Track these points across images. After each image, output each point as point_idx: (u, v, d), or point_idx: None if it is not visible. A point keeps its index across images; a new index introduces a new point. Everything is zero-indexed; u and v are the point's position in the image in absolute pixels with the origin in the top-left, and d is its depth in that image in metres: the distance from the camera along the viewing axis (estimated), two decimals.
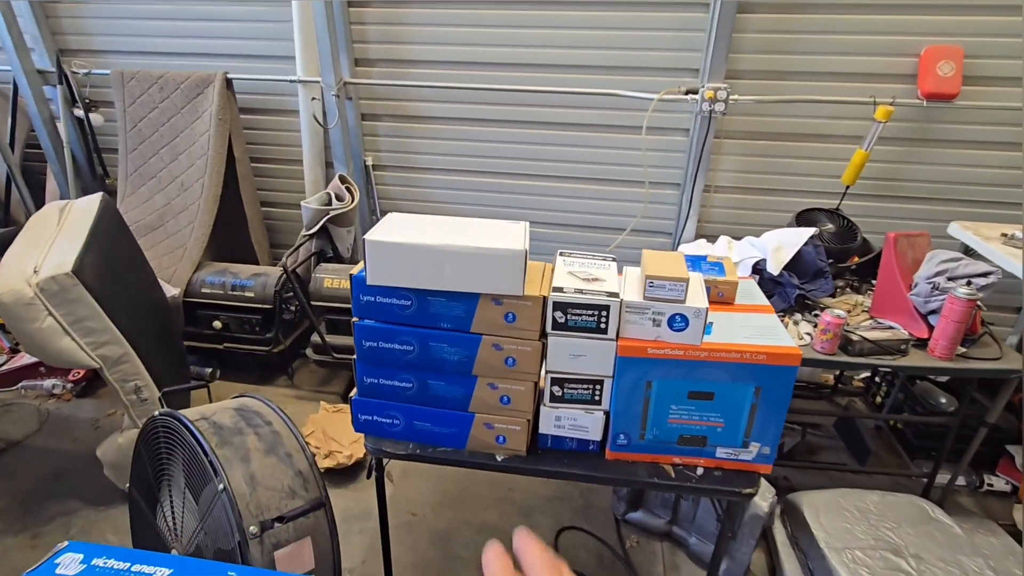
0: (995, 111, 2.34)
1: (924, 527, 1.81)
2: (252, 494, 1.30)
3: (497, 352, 1.28)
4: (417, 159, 2.96)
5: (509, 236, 1.24)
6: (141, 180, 2.98)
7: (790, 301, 2.07)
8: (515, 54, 2.64)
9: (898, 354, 1.88)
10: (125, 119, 2.94)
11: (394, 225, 1.28)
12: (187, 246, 2.86)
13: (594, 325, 1.24)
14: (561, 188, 2.88)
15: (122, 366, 2.04)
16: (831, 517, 1.85)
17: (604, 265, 1.38)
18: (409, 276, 1.22)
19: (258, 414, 1.51)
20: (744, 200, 2.73)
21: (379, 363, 1.34)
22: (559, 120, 2.73)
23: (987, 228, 2.20)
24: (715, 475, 1.34)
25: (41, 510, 2.19)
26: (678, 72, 2.55)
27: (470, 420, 1.37)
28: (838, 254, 2.28)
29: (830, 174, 2.56)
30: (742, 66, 2.47)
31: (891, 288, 2.01)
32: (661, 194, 2.77)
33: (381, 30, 2.72)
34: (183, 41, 2.90)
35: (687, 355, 1.23)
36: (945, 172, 2.51)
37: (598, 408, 1.34)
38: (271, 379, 3.02)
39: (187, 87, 2.83)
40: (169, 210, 2.93)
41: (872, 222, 2.53)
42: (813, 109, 2.49)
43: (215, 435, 1.37)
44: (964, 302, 1.76)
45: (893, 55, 2.37)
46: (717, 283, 1.39)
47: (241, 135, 2.93)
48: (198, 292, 2.80)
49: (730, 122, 2.57)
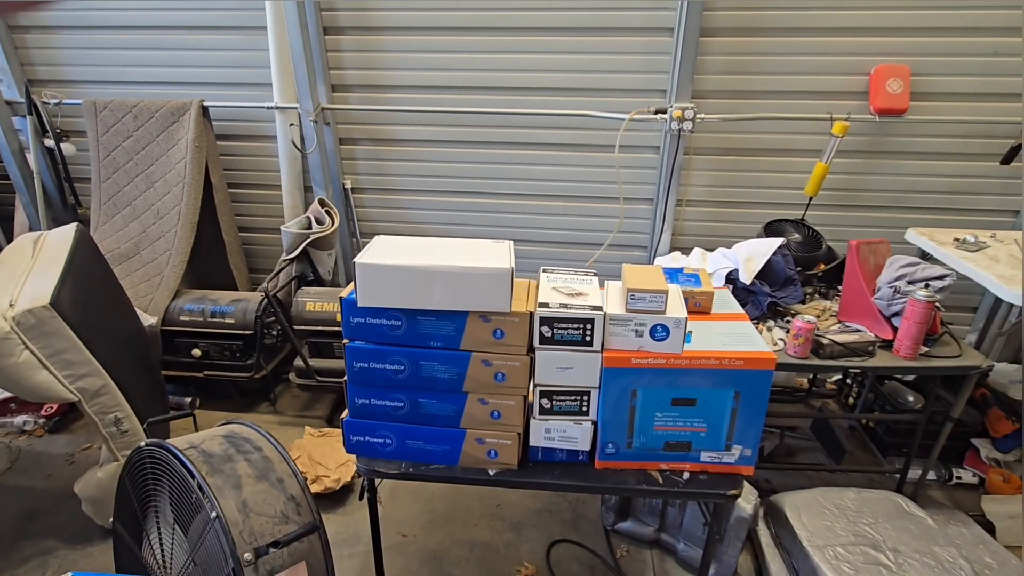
0: (942, 124, 2.50)
1: (900, 521, 1.89)
2: (245, 521, 1.30)
3: (487, 368, 1.32)
4: (396, 181, 3.00)
5: (495, 255, 1.28)
6: (115, 209, 2.94)
7: (763, 309, 2.16)
8: (489, 78, 2.72)
9: (866, 356, 1.97)
10: (98, 148, 2.91)
11: (383, 248, 1.32)
12: (164, 274, 2.83)
13: (580, 338, 1.28)
14: (539, 206, 2.95)
15: (101, 398, 2.00)
16: (812, 516, 1.91)
17: (587, 280, 1.44)
18: (399, 297, 1.25)
19: (248, 440, 1.50)
20: (715, 213, 2.84)
21: (370, 384, 1.36)
22: (534, 140, 2.81)
23: (941, 234, 2.34)
24: (700, 479, 1.39)
25: (15, 551, 2.12)
26: (647, 93, 2.65)
27: (462, 436, 1.39)
28: (805, 262, 2.38)
29: (794, 186, 2.68)
30: (707, 86, 2.59)
31: (856, 293, 2.11)
32: (636, 209, 2.86)
33: (357, 57, 2.77)
34: (158, 70, 2.90)
35: (669, 363, 1.28)
36: (899, 182, 2.66)
37: (586, 419, 1.38)
38: (253, 406, 2.98)
39: (162, 115, 2.83)
40: (145, 238, 2.90)
41: (835, 230, 2.66)
42: (775, 126, 2.62)
43: (205, 463, 1.37)
44: (924, 304, 1.86)
45: (846, 74, 2.52)
46: (694, 294, 1.45)
47: (218, 162, 2.93)
48: (176, 320, 2.77)
49: (698, 139, 2.68)
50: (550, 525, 2.27)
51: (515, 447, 1.39)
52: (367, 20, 2.69)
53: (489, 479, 1.41)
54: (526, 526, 2.26)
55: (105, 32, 2.86)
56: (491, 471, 1.42)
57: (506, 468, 1.42)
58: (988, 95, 2.47)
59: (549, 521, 2.29)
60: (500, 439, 1.39)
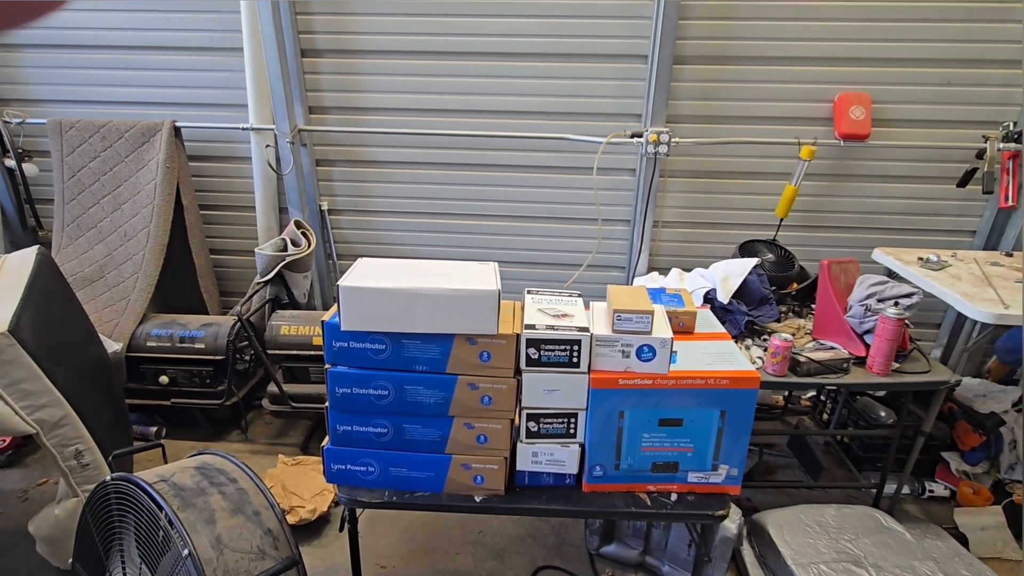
0: (902, 149, 2.62)
1: (879, 536, 1.91)
2: (219, 558, 1.24)
3: (473, 392, 1.30)
4: (373, 203, 2.98)
5: (480, 277, 1.28)
6: (79, 231, 2.84)
7: (740, 327, 2.19)
8: (465, 101, 2.74)
9: (841, 372, 2.01)
10: (63, 168, 2.82)
11: (366, 270, 1.29)
12: (130, 298, 2.73)
13: (567, 360, 1.28)
14: (517, 227, 2.96)
15: (61, 430, 1.89)
16: (795, 534, 1.92)
17: (571, 301, 1.44)
18: (384, 320, 1.23)
19: (222, 472, 1.44)
20: (690, 234, 2.90)
21: (353, 410, 1.33)
22: (513, 163, 2.83)
23: (906, 253, 2.43)
24: (688, 499, 1.38)
25: None
26: (622, 117, 2.71)
27: (447, 462, 1.36)
28: (779, 281, 2.44)
29: (765, 208, 2.76)
30: (681, 111, 2.67)
31: (829, 311, 2.17)
32: (614, 230, 2.89)
33: (334, 79, 2.76)
34: (129, 90, 2.83)
35: (656, 384, 1.28)
36: (864, 203, 2.76)
37: (573, 441, 1.36)
38: (223, 434, 2.87)
39: (132, 136, 2.76)
40: (110, 261, 2.80)
41: (805, 250, 2.73)
42: (746, 149, 2.70)
43: (176, 497, 1.30)
44: (894, 321, 1.92)
45: (811, 101, 2.63)
46: (678, 314, 1.47)
47: (190, 183, 2.86)
48: (143, 346, 2.66)
49: (673, 162, 2.75)
50: (533, 551, 2.23)
51: (502, 472, 1.37)
52: (345, 43, 2.69)
53: (475, 506, 1.37)
54: (509, 553, 2.21)
55: (73, 51, 2.79)
56: (477, 498, 1.38)
57: (493, 494, 1.39)
58: (943, 122, 2.60)
59: (532, 547, 2.25)
60: (486, 464, 1.36)
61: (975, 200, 2.68)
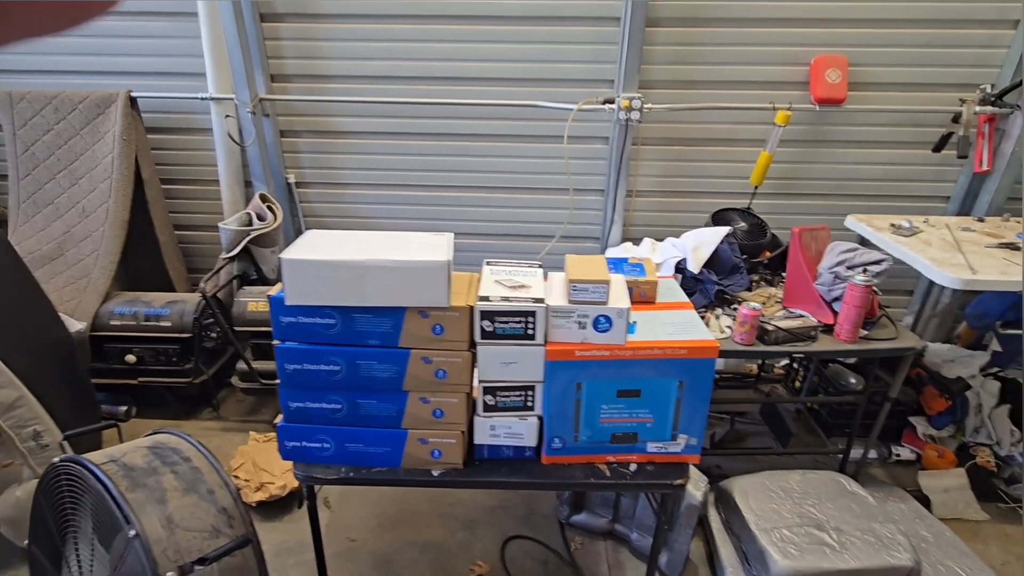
0: (878, 113, 2.58)
1: (842, 500, 1.94)
2: (170, 537, 1.22)
3: (427, 365, 1.27)
4: (340, 175, 2.90)
5: (432, 248, 1.23)
6: (36, 207, 2.74)
7: (710, 297, 2.18)
8: (433, 67, 2.65)
9: (809, 340, 2.02)
10: (15, 143, 2.70)
11: (313, 242, 1.25)
12: (92, 276, 2.65)
13: (522, 332, 1.25)
14: (489, 198, 2.90)
15: (17, 411, 1.85)
16: (759, 499, 1.94)
17: (530, 272, 1.41)
18: (331, 294, 1.19)
19: (175, 451, 1.41)
20: (665, 203, 2.86)
21: (305, 386, 1.30)
22: (482, 132, 2.76)
23: (878, 219, 2.41)
24: (648, 469, 1.38)
25: None
26: (594, 83, 2.64)
27: (403, 437, 1.34)
28: (751, 250, 2.42)
29: (740, 175, 2.72)
30: (654, 76, 2.60)
31: (799, 279, 2.16)
32: (587, 200, 2.84)
33: (297, 45, 2.65)
34: (81, 59, 2.70)
35: (613, 355, 1.26)
36: (839, 170, 2.73)
37: (531, 414, 1.35)
38: (194, 412, 2.84)
39: (86, 107, 2.64)
40: (69, 238, 2.71)
41: (779, 218, 2.71)
42: (721, 115, 2.65)
43: (125, 478, 1.27)
44: (862, 288, 1.91)
45: (787, 64, 2.57)
46: (639, 283, 1.44)
47: (149, 156, 2.76)
48: (107, 325, 2.60)
49: (647, 129, 2.69)
50: (504, 522, 2.24)
51: (459, 446, 1.35)
52: (306, 6, 2.57)
53: (433, 480, 1.36)
54: (479, 524, 2.23)
55: None
56: (435, 472, 1.37)
57: (451, 468, 1.38)
58: (920, 85, 2.56)
59: (503, 518, 2.26)
60: (444, 438, 1.34)
61: (950, 165, 2.66)
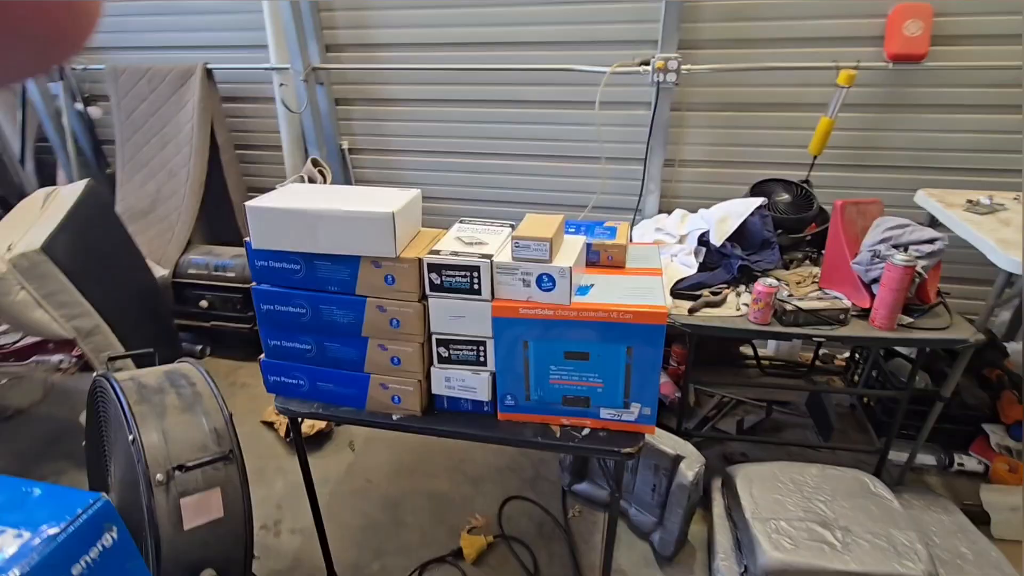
0: (965, 71, 2.21)
1: (860, 500, 1.76)
2: (164, 446, 1.41)
3: (382, 314, 1.34)
4: (389, 141, 3.03)
5: (389, 202, 1.28)
6: (135, 168, 3.17)
7: (733, 272, 2.04)
8: (476, 33, 2.66)
9: (836, 324, 1.82)
10: (119, 111, 3.13)
11: (284, 194, 1.35)
12: (175, 230, 3.03)
13: (468, 286, 1.27)
14: (528, 167, 2.89)
15: (94, 338, 2.20)
16: (763, 489, 1.82)
17: (496, 231, 1.41)
18: (289, 240, 1.29)
19: (185, 376, 1.61)
20: (711, 174, 2.68)
21: (278, 326, 1.42)
22: (522, 98, 2.74)
23: (953, 195, 2.09)
24: (600, 435, 1.36)
25: (35, 470, 2.40)
26: (639, 44, 2.51)
27: (366, 381, 1.43)
28: (793, 224, 2.21)
29: (797, 144, 2.47)
30: (701, 35, 2.42)
31: (836, 257, 1.95)
32: (625, 170, 2.74)
33: (349, 16, 2.78)
34: (168, 35, 3.05)
35: (557, 315, 1.25)
36: (916, 138, 2.38)
37: (484, 369, 1.37)
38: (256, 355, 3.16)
39: (172, 78, 2.98)
40: (159, 196, 3.11)
41: (843, 192, 2.44)
42: (776, 77, 2.41)
43: (136, 393, 1.48)
44: (901, 269, 1.69)
45: (860, 16, 2.27)
46: (606, 246, 1.39)
47: (223, 123, 3.07)
48: (185, 273, 2.97)
49: (692, 93, 2.52)
50: (509, 482, 2.30)
51: (417, 394, 1.41)
52: None
53: (392, 423, 1.44)
54: (485, 481, 2.30)
55: None
56: (395, 416, 1.44)
57: (410, 414, 1.44)
58: (1015, 37, 2.14)
59: (509, 478, 2.32)
60: (402, 385, 1.41)
61: None
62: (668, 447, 1.89)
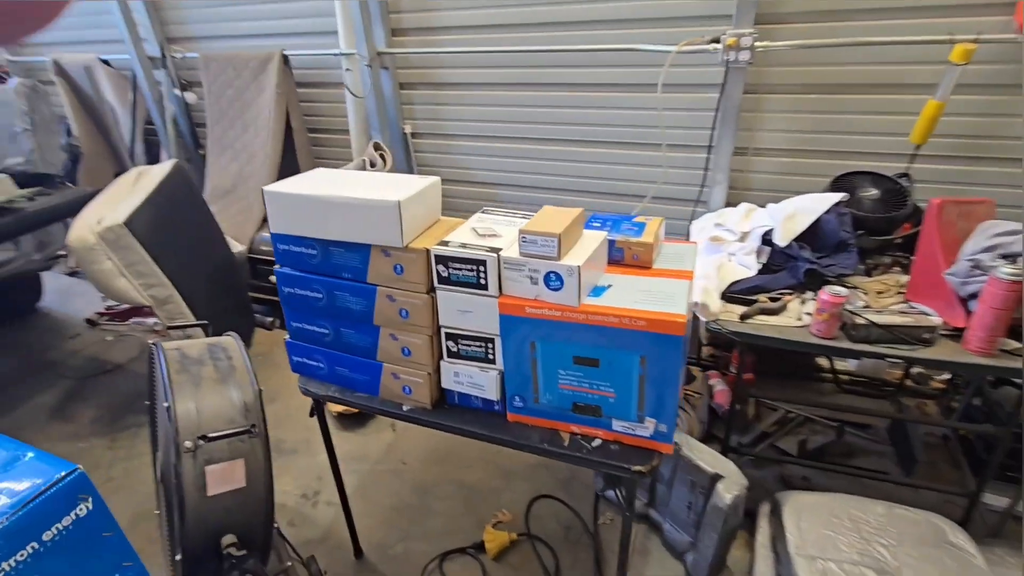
0: None
1: (932, 550, 1.52)
2: (196, 415, 1.49)
3: (392, 303, 1.32)
4: (448, 126, 3.02)
5: (399, 189, 1.25)
6: (222, 150, 3.40)
7: (799, 277, 1.81)
8: (537, 13, 2.55)
9: (919, 344, 1.57)
10: (210, 96, 3.36)
11: (306, 179, 1.36)
12: (252, 209, 3.23)
13: (474, 280, 1.21)
14: (586, 153, 2.76)
15: (168, 306, 2.39)
16: (814, 523, 1.62)
17: (515, 222, 1.34)
18: (304, 225, 1.29)
19: (224, 350, 1.69)
20: (789, 164, 2.40)
21: (299, 308, 1.44)
22: (581, 81, 2.61)
23: None
24: (611, 448, 1.26)
25: (122, 421, 2.67)
26: (710, 20, 2.28)
27: (379, 369, 1.42)
28: (883, 224, 1.93)
29: (896, 132, 2.15)
30: (784, 7, 2.15)
31: (929, 265, 1.67)
32: (689, 158, 2.52)
33: None
34: (251, 24, 3.22)
35: (565, 316, 1.16)
36: None
37: (492, 367, 1.31)
38: None
39: (254, 65, 3.15)
40: (241, 176, 3.32)
41: (948, 190, 2.10)
42: (874, 54, 2.09)
43: (178, 362, 1.58)
44: (1006, 284, 1.41)
45: None
46: (631, 244, 1.28)
47: (298, 107, 3.21)
48: (259, 249, 3.16)
49: (769, 74, 2.26)
50: (542, 479, 2.24)
51: (426, 386, 1.38)
52: None
53: (402, 414, 1.42)
54: (517, 477, 2.26)
55: None
56: (405, 407, 1.43)
57: (420, 406, 1.42)
58: None
59: (543, 476, 2.25)
60: (413, 376, 1.39)
61: None
62: (707, 464, 1.73)
